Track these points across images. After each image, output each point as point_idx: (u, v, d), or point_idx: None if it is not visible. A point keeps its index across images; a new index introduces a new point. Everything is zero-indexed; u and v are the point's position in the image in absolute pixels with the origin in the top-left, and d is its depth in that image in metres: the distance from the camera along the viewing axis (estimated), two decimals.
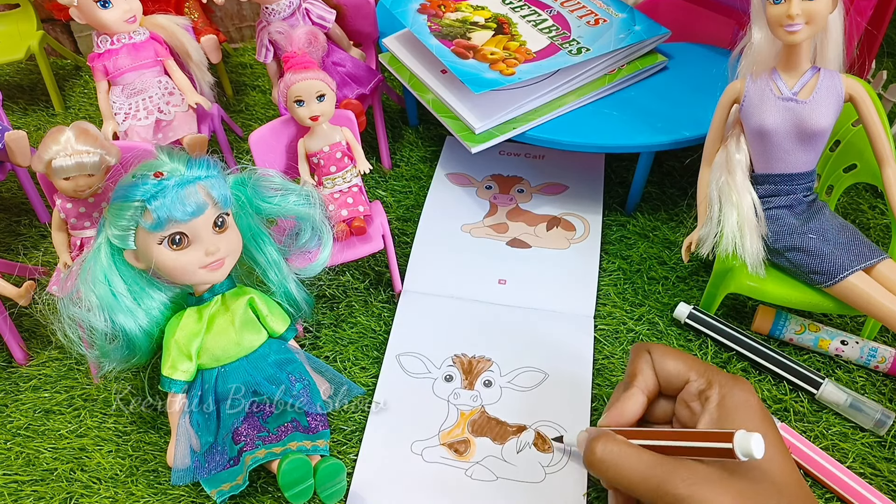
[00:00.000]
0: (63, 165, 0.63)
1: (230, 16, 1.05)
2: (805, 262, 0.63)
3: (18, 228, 0.84)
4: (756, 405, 0.46)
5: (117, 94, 0.78)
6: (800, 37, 0.58)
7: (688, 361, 0.50)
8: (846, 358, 0.67)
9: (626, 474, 0.44)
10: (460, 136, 0.74)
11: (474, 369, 0.67)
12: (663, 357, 0.50)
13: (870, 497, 0.56)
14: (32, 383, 0.69)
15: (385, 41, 0.84)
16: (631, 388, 0.51)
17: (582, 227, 0.79)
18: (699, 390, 0.48)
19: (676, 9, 0.88)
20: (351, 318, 0.73)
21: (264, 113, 0.97)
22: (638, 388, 0.51)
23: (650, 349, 0.52)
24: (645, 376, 0.51)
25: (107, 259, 0.57)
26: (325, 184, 0.71)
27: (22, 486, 0.62)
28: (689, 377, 0.49)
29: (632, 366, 0.52)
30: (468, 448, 0.62)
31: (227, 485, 0.57)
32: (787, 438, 0.60)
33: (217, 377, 0.60)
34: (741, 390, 0.47)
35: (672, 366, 0.50)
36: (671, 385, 0.50)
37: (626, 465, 0.45)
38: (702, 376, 0.48)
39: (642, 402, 0.51)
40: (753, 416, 0.46)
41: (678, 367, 0.50)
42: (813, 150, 0.63)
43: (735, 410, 0.46)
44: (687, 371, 0.49)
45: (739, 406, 0.46)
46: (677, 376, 0.50)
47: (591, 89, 0.77)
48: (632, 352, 0.53)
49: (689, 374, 0.49)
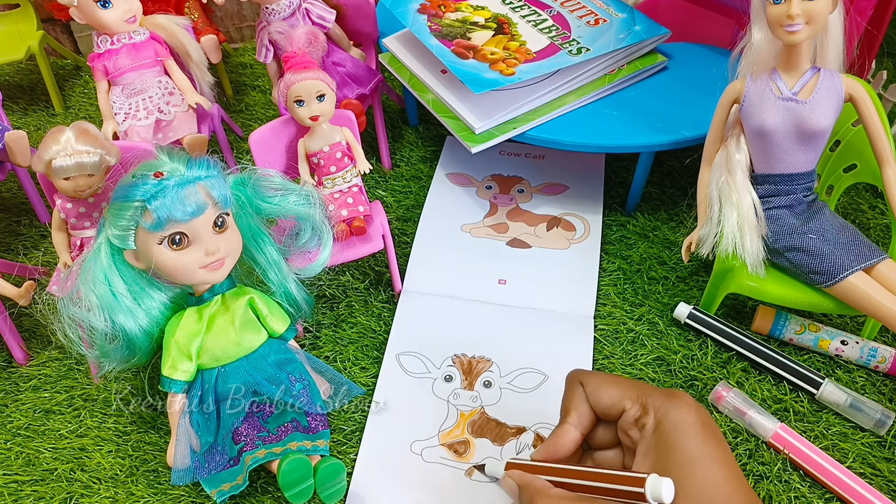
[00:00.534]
0: (63, 165, 0.63)
1: (230, 16, 1.05)
2: (805, 262, 0.63)
3: (18, 228, 0.84)
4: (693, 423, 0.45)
5: (117, 94, 0.78)
6: (800, 37, 0.58)
7: (622, 388, 0.49)
8: (846, 358, 0.67)
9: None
10: (460, 136, 0.74)
11: (474, 369, 0.67)
12: (597, 388, 0.50)
13: (870, 497, 0.56)
14: (32, 383, 0.69)
15: (385, 41, 0.84)
16: (563, 425, 0.50)
17: (582, 228, 0.79)
18: (635, 418, 0.47)
19: (676, 9, 0.88)
20: (351, 318, 0.73)
21: (264, 113, 0.97)
22: (570, 424, 0.50)
23: (583, 380, 0.51)
24: (578, 411, 0.50)
25: (107, 259, 0.57)
26: (325, 184, 0.71)
27: (22, 486, 0.62)
28: (625, 405, 0.48)
29: (565, 400, 0.51)
30: (468, 449, 0.62)
31: (227, 485, 0.57)
32: (787, 438, 0.60)
33: (217, 377, 0.60)
34: (678, 409, 0.46)
35: (606, 396, 0.49)
36: (608, 415, 0.49)
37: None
38: (636, 402, 0.47)
39: (575, 437, 0.50)
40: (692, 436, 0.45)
41: (612, 396, 0.49)
42: (813, 150, 0.63)
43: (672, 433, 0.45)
44: (621, 399, 0.48)
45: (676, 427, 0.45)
46: (612, 406, 0.48)
47: (591, 89, 0.77)
48: (566, 383, 0.52)
49: (623, 402, 0.48)
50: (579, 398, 0.50)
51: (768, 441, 0.61)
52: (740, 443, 0.62)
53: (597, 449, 0.52)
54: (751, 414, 0.62)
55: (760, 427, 0.61)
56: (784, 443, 0.60)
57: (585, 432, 0.51)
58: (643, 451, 0.46)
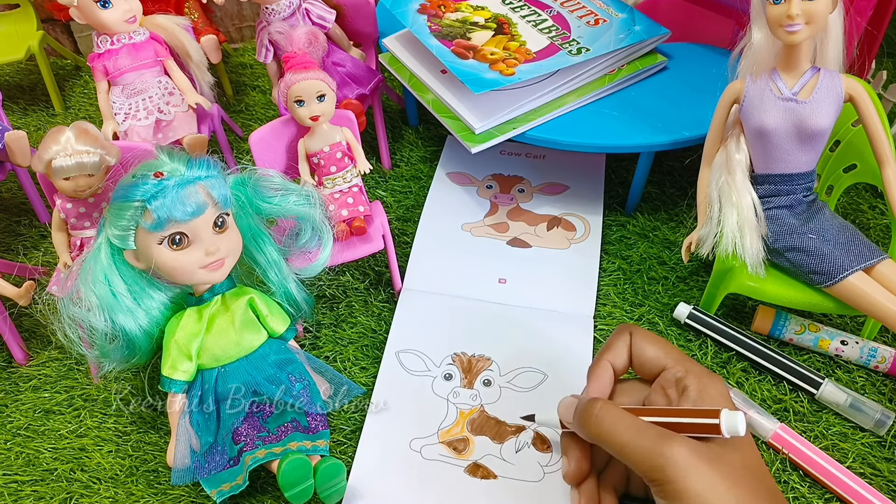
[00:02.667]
0: (63, 165, 0.63)
1: (230, 16, 1.05)
2: (805, 262, 0.63)
3: (18, 228, 0.84)
4: (730, 400, 0.48)
5: (117, 94, 0.78)
6: (800, 37, 0.58)
7: (666, 349, 0.51)
8: (846, 358, 0.67)
9: (621, 434, 0.46)
10: (460, 137, 0.74)
11: (474, 368, 0.67)
12: (643, 341, 0.52)
13: (870, 497, 0.56)
14: (32, 383, 0.69)
15: (385, 41, 0.84)
16: (599, 360, 0.53)
17: (582, 228, 0.79)
18: (676, 378, 0.49)
19: (676, 9, 0.88)
20: (351, 318, 0.73)
21: (264, 113, 0.97)
22: (606, 359, 0.52)
23: (633, 331, 0.53)
24: (617, 351, 0.52)
25: (107, 259, 0.57)
26: (326, 184, 0.71)
27: (22, 486, 0.62)
28: (667, 364, 0.50)
29: (607, 343, 0.54)
30: (467, 446, 0.62)
31: (227, 485, 0.57)
32: (787, 438, 0.60)
33: (217, 377, 0.60)
34: (717, 383, 0.48)
35: (651, 351, 0.51)
36: (646, 369, 0.51)
37: (621, 426, 0.46)
38: (679, 364, 0.50)
39: (610, 373, 0.52)
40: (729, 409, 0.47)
41: (657, 352, 0.51)
42: (813, 151, 0.63)
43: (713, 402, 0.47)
44: (665, 358, 0.50)
45: (717, 398, 0.47)
46: (655, 361, 0.51)
47: (591, 89, 0.77)
48: (615, 332, 0.54)
49: (666, 360, 0.50)
50: (622, 343, 0.52)
51: (768, 441, 0.61)
52: None
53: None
54: (751, 414, 0.62)
55: (760, 427, 0.61)
56: (784, 443, 0.60)
57: (619, 373, 0.53)
58: None
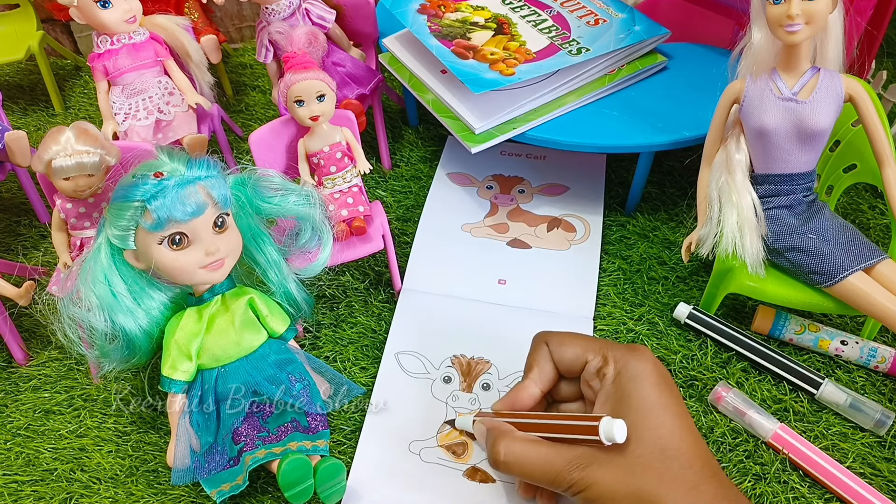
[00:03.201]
0: (63, 165, 0.63)
1: (230, 16, 1.05)
2: (805, 262, 0.63)
3: (18, 228, 0.84)
4: (651, 373, 0.48)
5: (117, 94, 0.78)
6: (800, 37, 0.58)
7: (584, 343, 0.52)
8: (846, 358, 0.67)
9: (528, 470, 0.48)
10: (460, 137, 0.74)
11: (473, 371, 0.67)
12: (560, 345, 0.53)
13: (869, 497, 0.56)
14: (32, 383, 0.69)
15: (385, 41, 0.84)
16: (525, 381, 0.54)
17: (582, 228, 0.79)
18: (597, 368, 0.50)
19: (676, 9, 0.88)
20: (351, 318, 0.73)
21: (264, 113, 0.97)
22: (531, 380, 0.54)
23: (548, 339, 0.54)
24: (540, 368, 0.53)
25: (107, 259, 0.57)
26: (326, 184, 0.71)
27: (22, 486, 0.62)
28: (587, 358, 0.51)
29: (529, 358, 0.55)
30: (466, 450, 0.62)
31: (227, 485, 0.57)
32: (787, 439, 0.60)
33: (217, 377, 0.60)
34: (637, 360, 0.48)
35: (569, 352, 0.52)
36: (572, 370, 0.53)
37: (527, 462, 0.48)
38: (598, 354, 0.51)
39: (534, 393, 0.54)
40: (649, 386, 0.47)
41: (575, 351, 0.52)
42: (813, 151, 0.63)
43: (630, 382, 0.48)
44: (584, 353, 0.51)
45: (635, 377, 0.48)
46: (575, 360, 0.52)
47: (591, 89, 0.77)
48: (532, 343, 0.55)
49: (586, 355, 0.51)
50: (543, 356, 0.54)
51: (768, 441, 0.61)
52: (740, 443, 0.62)
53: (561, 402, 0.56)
54: (750, 414, 0.62)
55: (760, 427, 0.61)
56: (784, 443, 0.60)
57: (546, 389, 0.54)
58: (602, 400, 0.49)
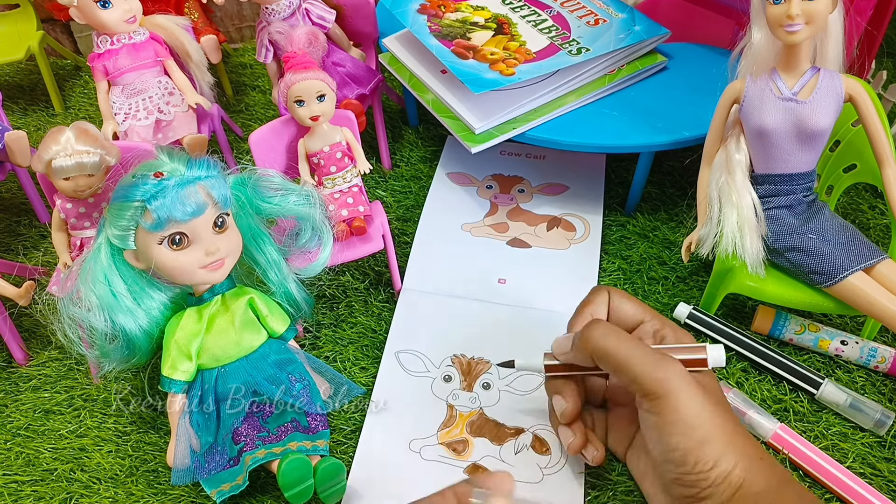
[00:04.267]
0: (63, 165, 0.63)
1: (230, 16, 1.05)
2: (805, 263, 0.63)
3: (18, 228, 0.84)
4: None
5: (117, 94, 0.78)
6: (800, 37, 0.58)
7: (643, 306, 0.57)
8: (846, 358, 0.67)
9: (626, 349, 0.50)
10: (460, 137, 0.74)
11: (473, 371, 0.67)
12: (621, 298, 0.57)
13: (869, 497, 0.56)
14: (32, 383, 0.69)
15: (385, 41, 0.84)
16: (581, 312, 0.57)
17: (582, 228, 0.79)
18: (654, 329, 0.55)
19: (676, 9, 0.88)
20: (351, 318, 0.73)
21: (264, 113, 0.97)
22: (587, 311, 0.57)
23: (610, 290, 0.57)
24: (596, 306, 0.57)
25: (107, 259, 0.57)
26: (326, 184, 0.71)
27: (22, 486, 0.62)
28: (644, 318, 0.56)
29: (584, 300, 0.58)
30: (466, 448, 0.62)
31: (227, 485, 0.57)
32: (787, 439, 0.60)
33: (217, 377, 0.60)
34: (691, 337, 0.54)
35: (629, 307, 0.56)
36: (624, 323, 0.56)
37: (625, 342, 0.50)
38: (656, 318, 0.55)
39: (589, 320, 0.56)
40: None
41: (635, 308, 0.56)
42: (813, 151, 0.63)
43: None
44: (643, 313, 0.56)
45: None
46: (633, 316, 0.56)
47: (591, 89, 0.77)
48: (591, 291, 0.58)
49: (644, 315, 0.56)
50: (601, 300, 0.57)
51: (768, 441, 0.61)
52: None
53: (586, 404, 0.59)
54: (750, 414, 0.62)
55: (760, 427, 0.61)
56: (784, 443, 0.60)
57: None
58: None
